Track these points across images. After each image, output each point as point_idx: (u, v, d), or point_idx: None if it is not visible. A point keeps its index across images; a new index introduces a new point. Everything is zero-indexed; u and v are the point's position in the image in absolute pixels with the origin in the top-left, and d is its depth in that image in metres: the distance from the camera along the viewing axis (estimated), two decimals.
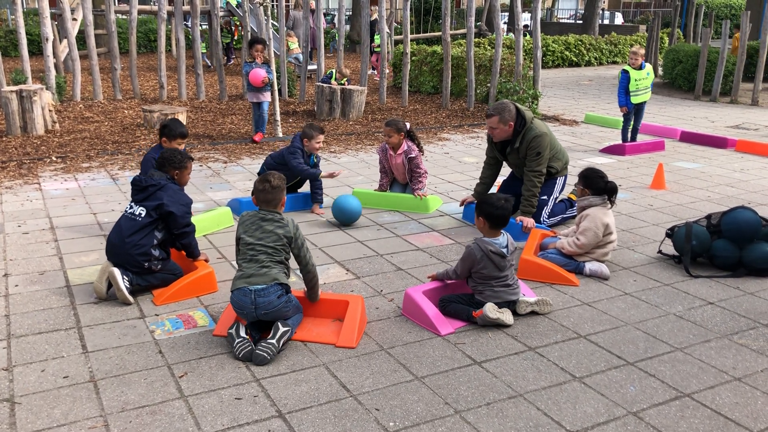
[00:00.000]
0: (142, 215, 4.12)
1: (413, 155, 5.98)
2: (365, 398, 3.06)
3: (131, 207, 4.19)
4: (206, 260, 4.45)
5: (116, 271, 3.97)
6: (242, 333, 3.45)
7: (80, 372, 3.26)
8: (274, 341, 3.39)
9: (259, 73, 8.57)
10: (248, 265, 3.57)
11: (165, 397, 3.06)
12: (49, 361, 3.36)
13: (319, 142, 5.89)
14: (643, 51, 8.61)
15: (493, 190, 5.90)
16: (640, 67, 8.43)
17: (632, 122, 8.74)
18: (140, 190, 4.20)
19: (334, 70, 11.64)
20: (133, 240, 4.05)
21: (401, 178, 6.21)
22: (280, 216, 3.68)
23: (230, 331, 3.49)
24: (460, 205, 5.78)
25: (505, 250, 3.85)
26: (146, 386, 3.14)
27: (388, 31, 15.41)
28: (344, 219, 5.58)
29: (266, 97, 8.92)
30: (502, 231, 3.94)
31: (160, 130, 5.22)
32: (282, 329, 3.45)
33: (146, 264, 4.08)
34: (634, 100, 8.49)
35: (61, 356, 3.41)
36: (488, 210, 3.86)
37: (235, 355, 3.38)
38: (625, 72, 8.43)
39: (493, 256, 3.80)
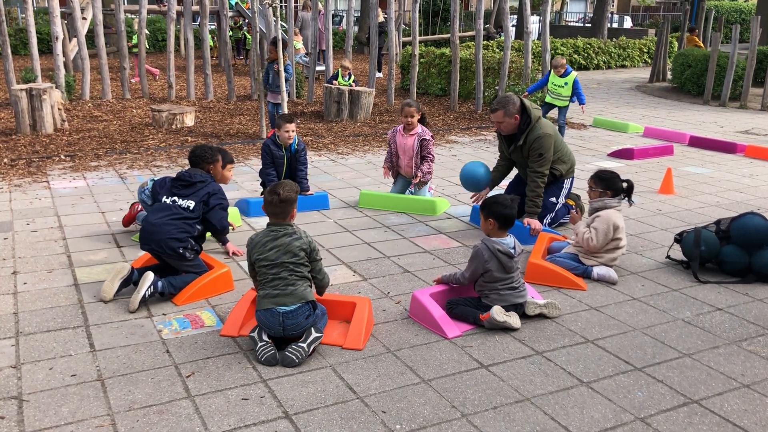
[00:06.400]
0: (191, 207, 4.23)
1: (427, 138, 6.14)
2: (372, 400, 3.06)
3: (174, 201, 4.25)
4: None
5: (150, 277, 3.97)
6: (264, 337, 3.41)
7: (88, 370, 3.27)
8: (305, 345, 3.38)
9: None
10: (272, 284, 3.46)
11: (172, 397, 3.06)
12: (57, 359, 3.38)
13: (288, 131, 5.81)
14: (564, 61, 9.08)
15: (500, 191, 5.88)
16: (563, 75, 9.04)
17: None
18: (188, 185, 4.29)
19: (339, 70, 11.65)
20: (176, 224, 4.14)
21: (406, 161, 6.23)
22: (292, 229, 3.54)
23: (252, 334, 3.45)
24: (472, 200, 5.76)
25: (512, 251, 3.85)
26: (153, 385, 3.15)
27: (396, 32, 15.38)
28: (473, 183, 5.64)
29: (279, 98, 8.98)
30: (508, 233, 3.93)
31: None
32: (315, 334, 3.44)
33: (181, 249, 4.13)
34: (548, 99, 9.26)
35: (69, 354, 3.42)
36: (499, 210, 3.84)
37: (258, 359, 3.35)
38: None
39: (501, 256, 3.79)
